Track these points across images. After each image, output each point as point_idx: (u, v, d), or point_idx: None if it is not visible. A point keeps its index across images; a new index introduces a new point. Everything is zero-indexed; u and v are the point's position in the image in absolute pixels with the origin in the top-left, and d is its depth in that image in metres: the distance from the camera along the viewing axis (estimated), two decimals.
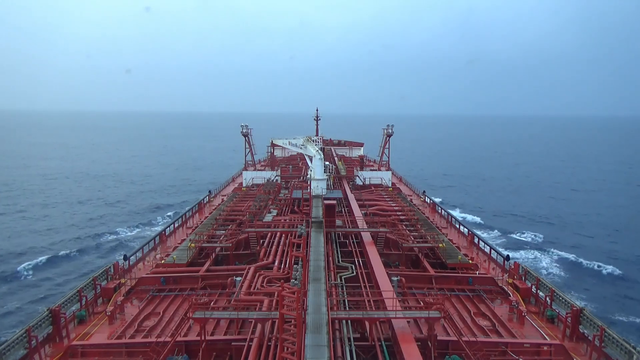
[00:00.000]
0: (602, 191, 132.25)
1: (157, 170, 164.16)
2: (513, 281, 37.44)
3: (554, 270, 63.04)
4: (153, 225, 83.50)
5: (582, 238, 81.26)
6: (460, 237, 53.32)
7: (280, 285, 23.25)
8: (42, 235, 78.89)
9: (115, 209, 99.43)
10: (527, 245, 74.80)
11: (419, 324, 30.13)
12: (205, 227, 50.54)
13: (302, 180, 73.71)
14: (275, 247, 42.47)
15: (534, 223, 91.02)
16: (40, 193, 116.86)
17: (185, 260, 40.77)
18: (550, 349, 27.84)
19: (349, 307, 29.95)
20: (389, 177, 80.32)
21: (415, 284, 37.24)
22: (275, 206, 59.08)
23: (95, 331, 30.35)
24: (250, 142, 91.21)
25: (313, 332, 22.57)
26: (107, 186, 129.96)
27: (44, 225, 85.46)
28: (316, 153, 52.42)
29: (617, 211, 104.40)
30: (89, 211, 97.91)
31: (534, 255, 68.98)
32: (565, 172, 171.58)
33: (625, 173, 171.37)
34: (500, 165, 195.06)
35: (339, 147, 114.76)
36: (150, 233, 70.86)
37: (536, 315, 32.87)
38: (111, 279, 37.44)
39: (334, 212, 48.06)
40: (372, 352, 26.05)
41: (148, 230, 78.36)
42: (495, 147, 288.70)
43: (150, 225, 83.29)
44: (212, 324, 30.08)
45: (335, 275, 35.33)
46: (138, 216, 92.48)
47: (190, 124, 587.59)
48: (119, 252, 65.22)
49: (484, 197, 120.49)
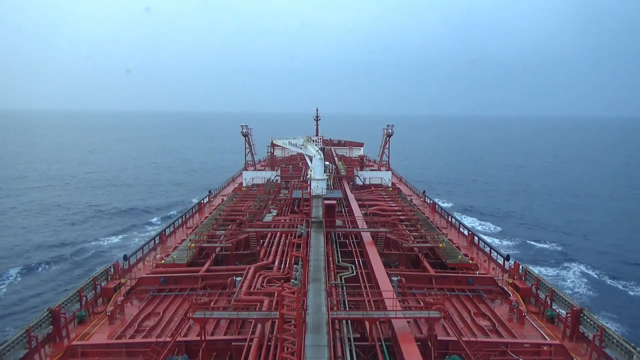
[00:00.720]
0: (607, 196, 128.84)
1: (145, 172, 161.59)
2: (513, 281, 37.43)
3: (582, 290, 57.49)
4: (134, 230, 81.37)
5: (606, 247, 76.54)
6: (460, 237, 53.33)
7: (280, 285, 23.25)
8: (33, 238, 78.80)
9: (104, 212, 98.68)
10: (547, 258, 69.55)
11: (419, 324, 30.12)
12: (205, 227, 50.54)
13: (302, 180, 73.70)
14: (275, 247, 42.45)
15: (552, 231, 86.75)
16: (22, 196, 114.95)
17: (185, 260, 40.75)
18: (550, 349, 27.83)
19: (349, 307, 29.95)
20: (389, 177, 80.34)
21: (415, 284, 37.22)
22: (275, 206, 59.06)
23: (95, 331, 30.34)
24: (250, 142, 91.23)
25: (313, 332, 22.57)
26: (95, 187, 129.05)
27: (37, 228, 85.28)
28: (316, 153, 52.44)
29: None
30: (87, 212, 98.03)
31: (556, 273, 63.08)
32: (572, 174, 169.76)
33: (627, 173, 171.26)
34: (501, 166, 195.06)
35: (339, 147, 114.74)
36: (132, 238, 70.35)
37: (536, 315, 32.86)
38: (111, 279, 37.41)
39: (334, 212, 48.06)
40: (372, 352, 26.05)
41: (129, 235, 76.69)
42: (497, 147, 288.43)
43: (131, 232, 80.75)
44: (212, 324, 30.07)
45: (335, 275, 35.33)
46: (120, 220, 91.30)
47: (189, 124, 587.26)
48: (110, 253, 64.99)
49: (491, 199, 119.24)
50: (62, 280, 57.75)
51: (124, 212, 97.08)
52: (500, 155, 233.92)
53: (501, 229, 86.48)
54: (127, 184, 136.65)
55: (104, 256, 66.46)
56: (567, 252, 72.79)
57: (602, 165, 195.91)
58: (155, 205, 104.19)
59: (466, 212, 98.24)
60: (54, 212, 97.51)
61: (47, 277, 59.38)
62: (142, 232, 79.69)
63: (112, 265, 38.78)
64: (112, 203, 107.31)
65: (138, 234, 78.43)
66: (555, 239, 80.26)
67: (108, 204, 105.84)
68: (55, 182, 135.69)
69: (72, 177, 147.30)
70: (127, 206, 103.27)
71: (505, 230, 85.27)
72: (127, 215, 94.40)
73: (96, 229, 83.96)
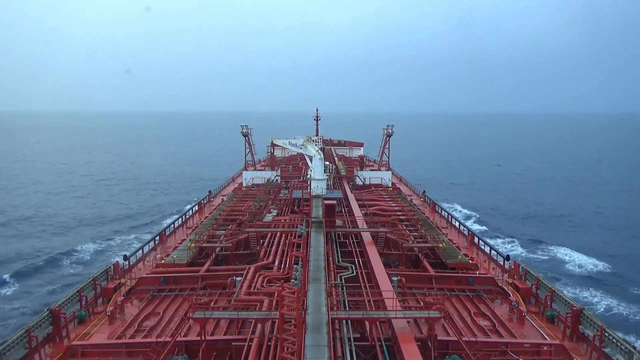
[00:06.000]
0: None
1: (145, 173, 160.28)
2: (513, 281, 37.42)
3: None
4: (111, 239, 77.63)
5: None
6: (460, 237, 53.31)
7: (280, 285, 23.26)
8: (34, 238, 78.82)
9: (104, 212, 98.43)
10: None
11: (419, 324, 30.13)
12: (205, 227, 50.52)
13: (302, 180, 73.69)
14: (275, 247, 42.45)
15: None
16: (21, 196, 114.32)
17: (185, 260, 40.76)
18: (550, 349, 27.82)
19: (349, 307, 29.92)
20: (389, 177, 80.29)
21: (415, 284, 37.23)
22: (275, 206, 59.06)
23: (95, 331, 30.35)
24: (250, 142, 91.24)
25: (313, 332, 22.58)
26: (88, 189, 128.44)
27: (37, 227, 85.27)
28: (316, 153, 52.44)
29: None
30: (85, 212, 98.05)
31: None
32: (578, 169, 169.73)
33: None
34: (507, 164, 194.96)
35: (339, 147, 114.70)
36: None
37: (536, 315, 32.86)
38: (111, 279, 37.41)
39: (334, 212, 48.03)
40: (372, 352, 26.05)
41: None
42: (498, 145, 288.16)
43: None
44: (212, 324, 30.07)
45: (335, 275, 35.30)
46: (120, 220, 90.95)
47: (189, 124, 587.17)
48: (107, 253, 64.75)
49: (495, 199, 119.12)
50: (62, 281, 57.73)
51: (123, 212, 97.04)
52: (509, 153, 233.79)
53: (507, 225, 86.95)
54: (127, 184, 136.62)
55: (104, 256, 66.47)
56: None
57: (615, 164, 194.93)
58: (156, 206, 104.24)
59: (468, 209, 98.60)
60: (54, 212, 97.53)
61: (47, 277, 59.30)
62: (142, 232, 79.68)
63: (112, 265, 38.80)
64: (112, 203, 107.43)
65: (138, 234, 78.41)
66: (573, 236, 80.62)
67: (108, 204, 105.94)
68: (55, 182, 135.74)
69: (72, 177, 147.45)
70: (127, 206, 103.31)
71: (515, 227, 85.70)
72: (127, 216, 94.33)
73: (96, 229, 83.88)
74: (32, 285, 56.54)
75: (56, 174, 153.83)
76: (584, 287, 57.53)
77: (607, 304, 52.51)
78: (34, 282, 57.75)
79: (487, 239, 53.31)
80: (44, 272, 61.09)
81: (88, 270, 58.59)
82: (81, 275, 56.37)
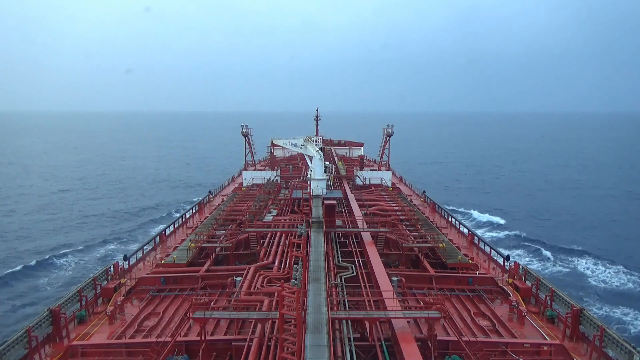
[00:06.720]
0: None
1: (145, 172, 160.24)
2: (513, 281, 37.43)
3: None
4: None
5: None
6: (460, 237, 53.32)
7: (280, 285, 23.26)
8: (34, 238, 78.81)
9: (104, 212, 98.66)
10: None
11: (419, 324, 30.12)
12: (205, 227, 50.51)
13: (302, 180, 73.67)
14: (275, 247, 42.45)
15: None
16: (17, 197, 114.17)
17: (185, 260, 40.75)
18: (550, 349, 27.83)
19: (349, 307, 29.93)
20: (389, 177, 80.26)
21: (415, 284, 37.22)
22: (275, 206, 59.01)
23: (95, 331, 30.35)
24: (250, 142, 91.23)
25: (313, 332, 22.59)
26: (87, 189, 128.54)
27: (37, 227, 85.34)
28: (316, 153, 52.44)
29: None
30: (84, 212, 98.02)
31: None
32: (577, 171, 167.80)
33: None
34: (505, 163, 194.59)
35: (339, 147, 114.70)
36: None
37: (536, 315, 32.86)
38: (111, 279, 37.44)
39: (334, 212, 48.00)
40: (372, 352, 26.05)
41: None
42: (499, 145, 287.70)
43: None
44: (212, 324, 30.08)
45: (335, 275, 35.30)
46: (120, 220, 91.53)
47: (189, 124, 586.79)
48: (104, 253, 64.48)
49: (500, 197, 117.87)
50: (62, 281, 57.74)
51: (123, 212, 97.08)
52: (506, 152, 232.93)
53: (511, 223, 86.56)
54: (127, 184, 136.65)
55: (104, 256, 66.47)
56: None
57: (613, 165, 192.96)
58: (155, 206, 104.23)
59: (470, 207, 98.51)
60: (54, 212, 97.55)
61: (47, 277, 59.30)
62: (142, 232, 79.68)
63: (112, 265, 38.84)
64: (112, 203, 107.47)
65: (138, 234, 78.42)
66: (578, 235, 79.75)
67: (108, 204, 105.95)
68: (55, 183, 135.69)
69: (72, 177, 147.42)
70: (127, 206, 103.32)
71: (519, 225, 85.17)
72: (128, 216, 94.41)
73: (96, 229, 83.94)
74: (32, 286, 56.57)
75: (56, 174, 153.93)
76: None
77: None
78: (34, 282, 57.78)
79: (485, 237, 52.88)
80: (43, 272, 61.09)
81: (88, 270, 58.64)
82: (81, 276, 56.42)
